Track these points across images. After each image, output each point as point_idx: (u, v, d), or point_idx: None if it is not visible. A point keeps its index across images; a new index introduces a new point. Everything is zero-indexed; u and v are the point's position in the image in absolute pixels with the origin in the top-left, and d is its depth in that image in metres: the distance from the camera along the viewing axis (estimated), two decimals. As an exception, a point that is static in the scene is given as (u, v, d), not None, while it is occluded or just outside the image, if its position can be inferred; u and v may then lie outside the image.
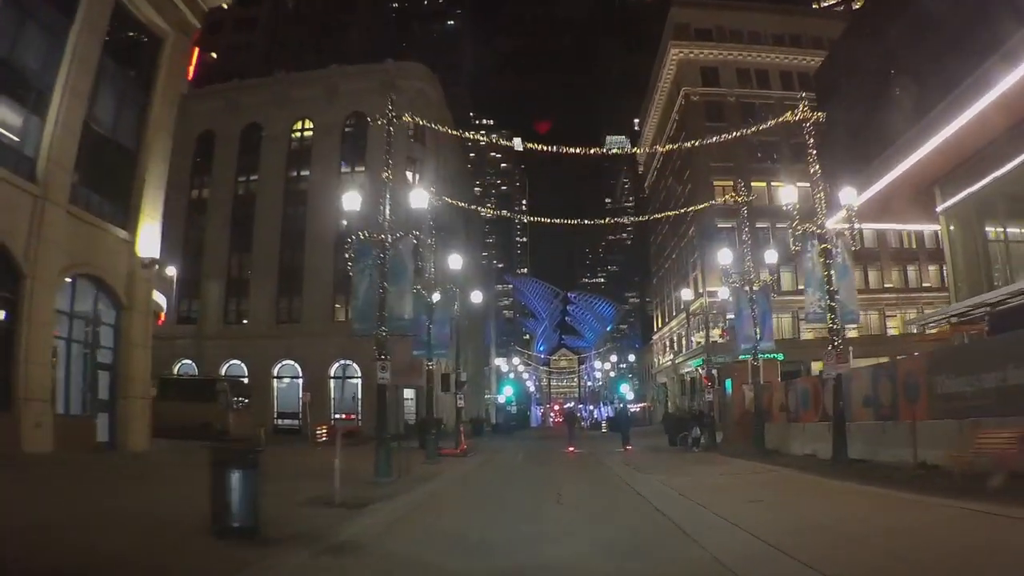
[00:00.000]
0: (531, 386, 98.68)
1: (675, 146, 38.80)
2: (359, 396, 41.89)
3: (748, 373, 19.36)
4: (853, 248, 14.80)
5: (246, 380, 41.60)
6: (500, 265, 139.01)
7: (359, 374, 41.49)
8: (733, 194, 21.16)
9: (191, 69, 23.38)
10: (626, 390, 55.98)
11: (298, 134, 46.94)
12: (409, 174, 45.33)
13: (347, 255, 13.77)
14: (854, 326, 16.32)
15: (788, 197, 15.10)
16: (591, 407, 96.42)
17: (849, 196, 15.02)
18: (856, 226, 14.79)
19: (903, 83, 18.30)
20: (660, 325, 60.46)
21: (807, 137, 15.52)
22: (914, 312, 49.36)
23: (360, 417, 40.81)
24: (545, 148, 19.11)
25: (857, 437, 13.91)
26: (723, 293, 38.74)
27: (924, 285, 51.25)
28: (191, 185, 45.07)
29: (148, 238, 19.46)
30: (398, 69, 47.57)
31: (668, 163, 56.70)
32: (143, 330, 19.15)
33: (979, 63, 13.11)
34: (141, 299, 19.08)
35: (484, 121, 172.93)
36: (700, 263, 46.35)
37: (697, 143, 20.22)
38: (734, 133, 17.72)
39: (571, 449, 23.45)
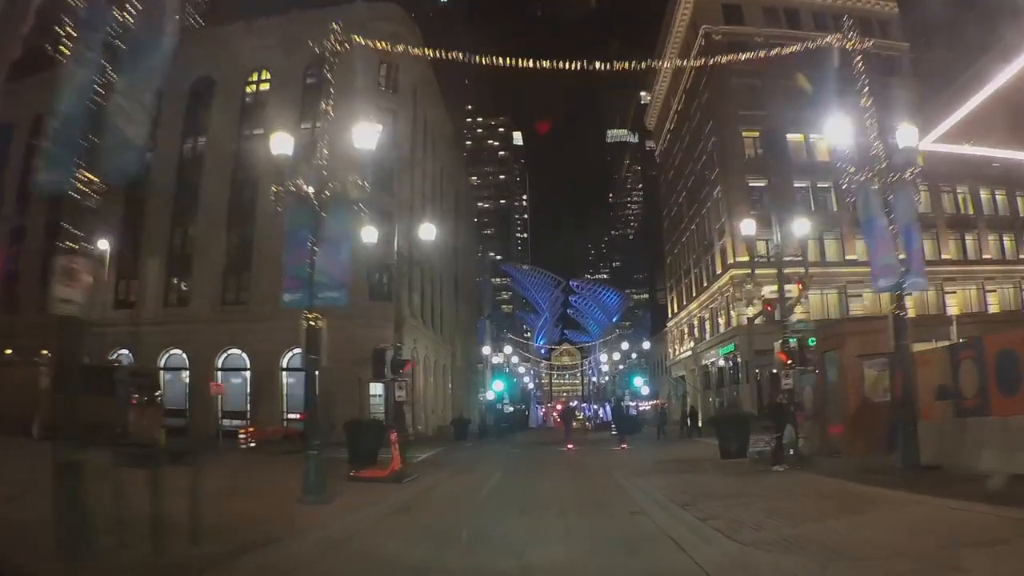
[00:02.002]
0: (530, 384, 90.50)
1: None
2: (317, 393, 34.18)
3: (876, 338, 11.21)
4: None
5: (186, 371, 35.24)
6: (499, 258, 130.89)
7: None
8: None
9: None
10: (640, 383, 47.59)
11: (253, 87, 39.59)
12: (380, 127, 37.68)
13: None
14: None
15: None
16: (595, 406, 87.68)
17: None
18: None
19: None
20: (676, 310, 52.30)
21: None
22: (1011, 287, 41.40)
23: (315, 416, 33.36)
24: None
25: None
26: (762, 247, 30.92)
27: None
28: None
29: None
30: (369, 10, 40.09)
31: (684, 121, 48.62)
32: None
33: None
34: None
35: (479, 108, 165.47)
36: (729, 228, 38.26)
37: None
38: None
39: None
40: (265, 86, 39.34)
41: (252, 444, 25.21)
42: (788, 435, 13.19)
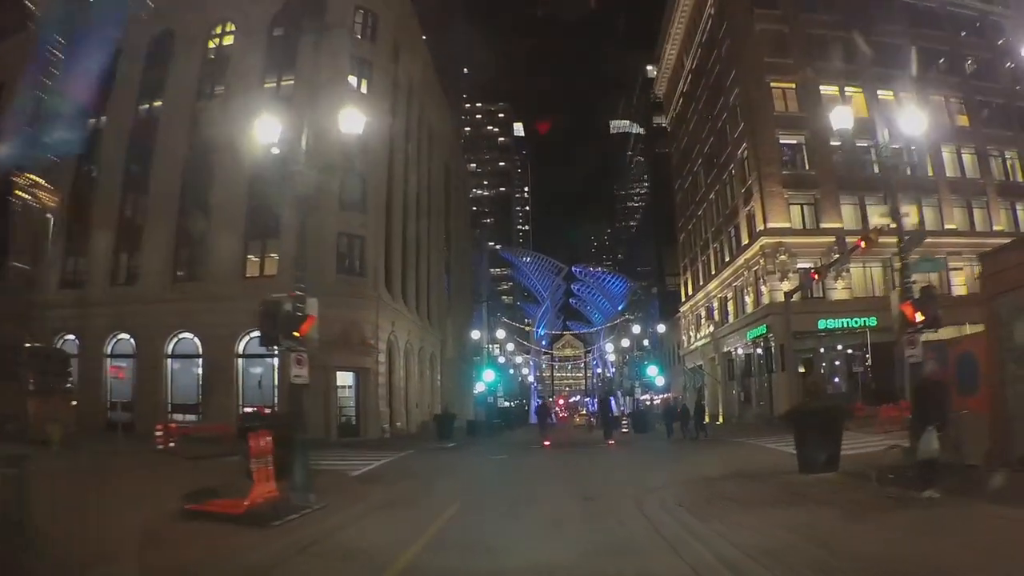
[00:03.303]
0: (531, 376, 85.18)
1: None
2: (275, 382, 29.27)
3: None
4: None
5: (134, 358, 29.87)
6: (498, 247, 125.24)
7: (275, 350, 28.65)
8: None
9: None
10: (654, 373, 41.83)
11: (216, 42, 34.71)
12: (353, 79, 32.53)
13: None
14: None
15: None
16: (593, 399, 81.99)
17: None
18: None
19: None
20: (691, 292, 46.77)
21: None
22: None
23: (275, 410, 28.20)
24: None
25: None
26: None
27: None
28: (86, 113, 32.99)
29: None
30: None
31: (700, 77, 43.12)
32: None
33: None
34: None
35: (479, 95, 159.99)
36: (758, 190, 32.78)
37: None
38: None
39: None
40: (229, 39, 34.31)
41: (172, 444, 20.12)
42: (927, 439, 7.85)
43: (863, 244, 21.30)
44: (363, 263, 30.33)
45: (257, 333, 29.85)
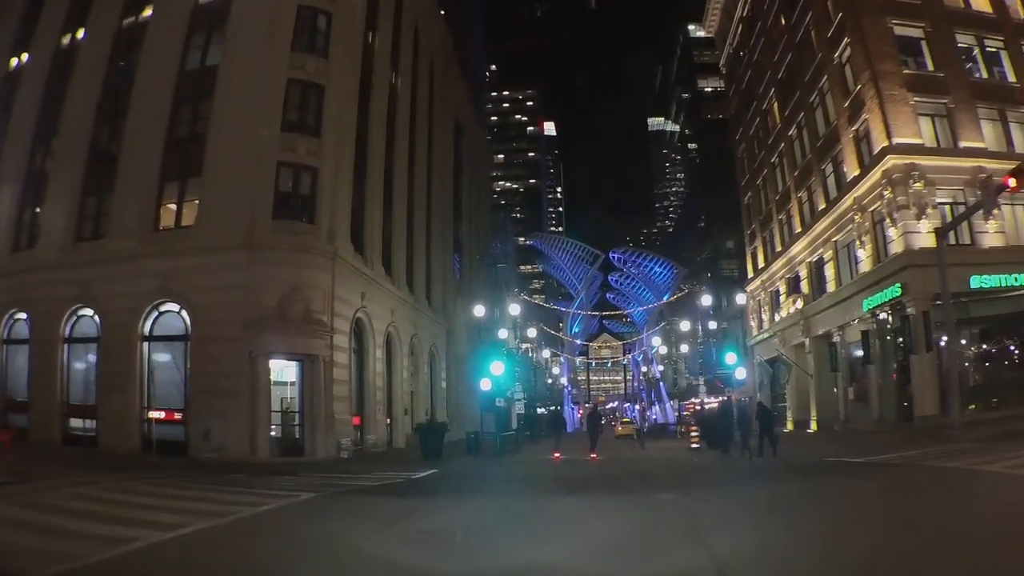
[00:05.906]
0: (564, 379, 75.48)
1: None
2: (187, 374, 20.58)
3: None
4: None
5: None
6: (530, 243, 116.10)
7: (188, 328, 20.23)
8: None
9: None
10: (732, 360, 31.30)
11: None
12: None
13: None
14: None
15: None
16: (633, 405, 71.40)
17: None
18: None
19: None
20: (764, 263, 36.60)
21: None
22: None
23: (187, 415, 20.11)
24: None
25: None
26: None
27: None
28: (12, 52, 27.30)
29: None
30: None
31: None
32: None
33: None
34: None
35: (505, 91, 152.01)
36: (876, 96, 22.85)
37: None
38: None
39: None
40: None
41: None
42: None
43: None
44: (313, 205, 21.43)
45: (167, 304, 21.33)
